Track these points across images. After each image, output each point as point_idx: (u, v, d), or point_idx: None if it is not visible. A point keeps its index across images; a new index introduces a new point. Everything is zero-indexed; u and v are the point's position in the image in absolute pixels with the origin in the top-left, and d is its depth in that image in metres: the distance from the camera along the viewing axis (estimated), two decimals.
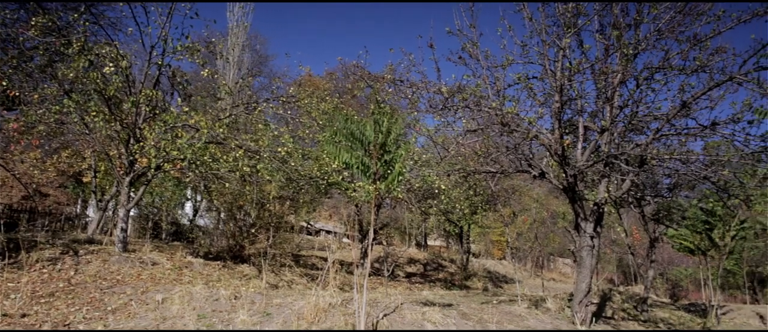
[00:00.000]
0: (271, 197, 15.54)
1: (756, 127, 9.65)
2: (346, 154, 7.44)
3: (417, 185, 15.01)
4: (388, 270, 15.77)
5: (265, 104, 14.63)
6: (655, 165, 11.00)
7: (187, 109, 12.62)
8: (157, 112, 12.99)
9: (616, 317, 13.49)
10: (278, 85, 15.79)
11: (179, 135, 12.39)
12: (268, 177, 13.50)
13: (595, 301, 12.99)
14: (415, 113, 10.84)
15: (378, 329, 7.47)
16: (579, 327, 9.75)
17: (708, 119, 9.99)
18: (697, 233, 17.23)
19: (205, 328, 7.20)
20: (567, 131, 10.92)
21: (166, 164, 12.45)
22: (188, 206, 22.36)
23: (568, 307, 11.21)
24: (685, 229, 17.48)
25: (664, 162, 10.63)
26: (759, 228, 22.35)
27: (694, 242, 17.47)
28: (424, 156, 13.88)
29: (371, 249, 8.46)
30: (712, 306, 17.94)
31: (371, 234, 8.54)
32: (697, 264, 20.69)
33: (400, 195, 15.83)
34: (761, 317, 21.68)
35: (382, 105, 8.39)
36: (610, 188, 11.19)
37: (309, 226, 26.38)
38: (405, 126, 13.19)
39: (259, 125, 13.93)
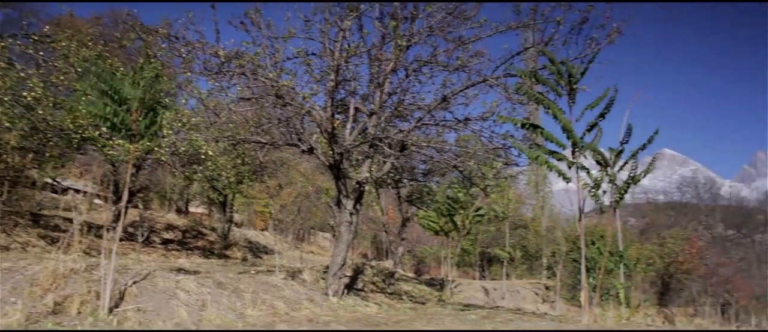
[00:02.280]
0: (9, 147, 13.56)
1: (500, 126, 10.94)
2: (104, 108, 6.76)
3: (183, 148, 14.29)
4: (142, 236, 14.83)
5: (10, 40, 12.73)
6: (414, 151, 11.88)
7: None
8: None
9: (366, 289, 14.36)
10: (30, 20, 13.82)
11: None
12: (7, 124, 11.81)
13: (348, 274, 13.68)
14: (189, 74, 10.27)
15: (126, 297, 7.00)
16: (331, 298, 10.18)
17: (463, 114, 11.07)
18: (443, 216, 19.05)
19: None
20: (339, 110, 11.25)
21: None
22: None
23: (323, 279, 11.63)
24: (433, 211, 19.22)
25: (422, 149, 11.54)
26: (492, 214, 25.47)
27: (439, 224, 19.29)
28: (193, 119, 13.24)
29: (126, 213, 7.86)
30: (449, 280, 20.06)
31: (126, 196, 7.94)
32: (441, 243, 22.94)
33: (163, 158, 14.96)
34: (485, 290, 24.81)
35: (152, 60, 7.79)
36: (372, 169, 11.81)
37: (55, 183, 23.64)
38: (175, 86, 12.46)
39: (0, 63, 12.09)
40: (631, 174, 8.40)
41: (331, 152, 10.69)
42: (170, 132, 12.64)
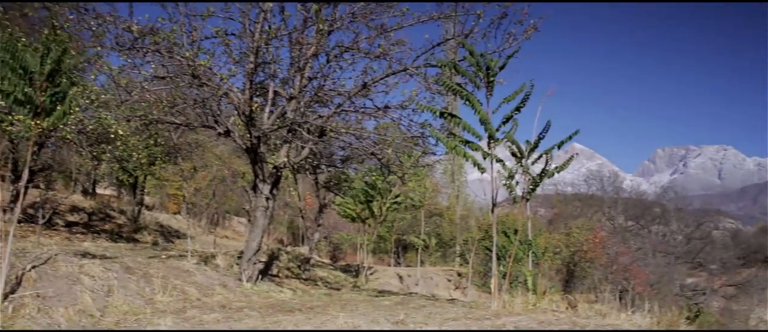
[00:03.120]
0: None
1: (418, 115, 11.09)
2: (6, 80, 6.31)
3: (90, 126, 13.58)
4: (44, 217, 14.03)
5: None
6: (333, 137, 11.85)
7: None
8: None
9: (280, 275, 14.25)
10: None
11: None
12: None
13: (263, 260, 13.51)
14: (99, 49, 9.76)
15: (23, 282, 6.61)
16: (245, 284, 10.04)
17: (383, 102, 11.12)
18: (360, 203, 19.16)
19: None
20: (257, 93, 11.03)
21: None
22: None
23: (237, 264, 11.44)
24: (351, 198, 19.28)
25: (341, 135, 11.53)
26: (409, 202, 25.85)
27: (356, 211, 19.39)
28: (102, 97, 12.60)
29: (25, 193, 7.40)
30: (364, 267, 20.23)
31: (27, 176, 7.47)
32: (357, 229, 23.07)
33: (68, 136, 14.17)
34: (399, 276, 25.22)
35: (58, 32, 7.33)
36: (290, 154, 11.69)
37: None
38: (84, 61, 11.81)
39: None
40: (546, 168, 8.72)
41: (248, 136, 10.48)
42: (77, 109, 11.98)
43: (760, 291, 57.56)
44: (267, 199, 10.79)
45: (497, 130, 8.48)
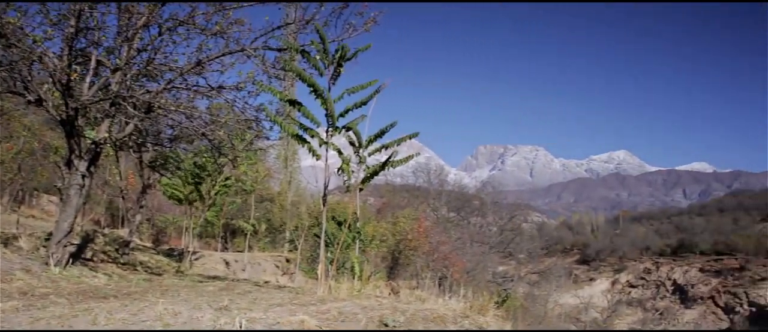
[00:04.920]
0: None
1: (254, 98, 10.89)
2: None
3: None
4: None
5: None
6: (161, 114, 11.22)
7: None
8: None
9: (95, 259, 13.26)
10: None
11: None
12: None
13: (76, 242, 12.46)
14: None
15: None
16: (53, 268, 9.19)
17: (217, 81, 10.74)
18: (188, 185, 18.38)
19: None
20: (78, 61, 10.10)
21: None
22: None
23: (44, 247, 10.43)
24: (178, 179, 18.43)
25: (170, 113, 10.95)
26: (239, 186, 25.28)
27: (184, 193, 18.58)
28: None
29: None
30: (189, 251, 19.46)
31: None
32: (183, 212, 22.10)
33: None
34: (226, 262, 24.66)
35: None
36: (112, 129, 10.90)
37: None
38: None
39: None
40: (389, 160, 9.02)
41: (64, 107, 9.57)
42: None
43: (558, 277, 64.58)
44: (83, 177, 9.94)
45: (338, 119, 8.62)
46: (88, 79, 9.83)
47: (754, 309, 77.19)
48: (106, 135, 10.25)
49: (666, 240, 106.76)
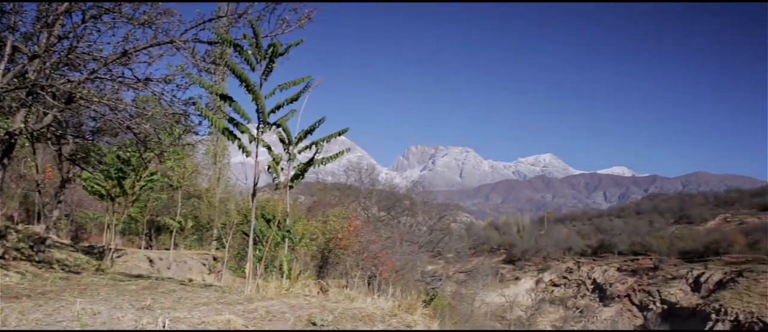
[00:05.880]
0: None
1: (183, 91, 10.59)
2: None
3: None
4: None
5: None
6: (83, 106, 10.75)
7: None
8: None
9: (7, 256, 12.58)
10: None
11: None
12: None
13: None
14: None
15: None
16: None
17: (144, 73, 10.37)
18: (111, 179, 17.66)
19: None
20: None
21: None
22: None
23: None
24: (100, 173, 17.67)
25: (93, 104, 10.50)
26: (166, 182, 24.54)
27: (106, 188, 17.84)
28: None
29: None
30: (110, 249, 18.74)
31: None
32: (105, 208, 21.23)
33: None
34: (150, 260, 23.91)
35: None
36: (28, 120, 10.36)
37: None
38: None
39: None
40: (315, 157, 8.96)
41: None
42: None
43: (485, 276, 66.06)
44: None
45: (269, 115, 8.51)
46: (2, 66, 9.29)
47: (665, 307, 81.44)
48: (22, 126, 9.74)
49: (587, 241, 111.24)
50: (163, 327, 5.09)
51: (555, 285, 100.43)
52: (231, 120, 8.62)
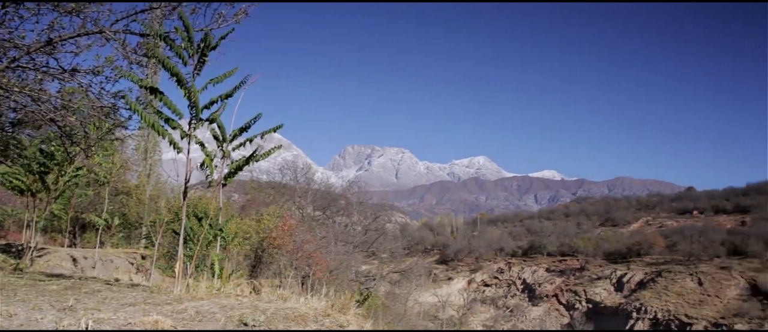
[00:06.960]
0: None
1: (112, 84, 10.21)
2: None
3: None
4: None
5: None
6: (3, 95, 10.21)
7: None
8: None
9: None
10: None
11: None
12: None
13: None
14: None
15: None
16: None
17: (71, 64, 9.92)
18: (32, 174, 16.85)
19: None
20: None
21: None
22: None
23: None
24: (20, 168, 16.84)
25: (13, 95, 9.98)
26: (92, 178, 23.62)
27: (26, 183, 17.01)
28: None
29: None
30: (29, 247, 17.87)
31: None
32: (25, 204, 20.23)
33: None
34: (74, 259, 22.94)
35: None
36: None
37: None
38: None
39: None
40: (254, 154, 8.81)
41: None
42: None
43: (418, 276, 66.78)
44: None
45: (202, 111, 8.33)
46: None
47: (590, 306, 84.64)
48: None
49: (518, 242, 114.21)
50: (87, 328, 4.89)
51: (486, 285, 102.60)
52: (161, 115, 8.37)
